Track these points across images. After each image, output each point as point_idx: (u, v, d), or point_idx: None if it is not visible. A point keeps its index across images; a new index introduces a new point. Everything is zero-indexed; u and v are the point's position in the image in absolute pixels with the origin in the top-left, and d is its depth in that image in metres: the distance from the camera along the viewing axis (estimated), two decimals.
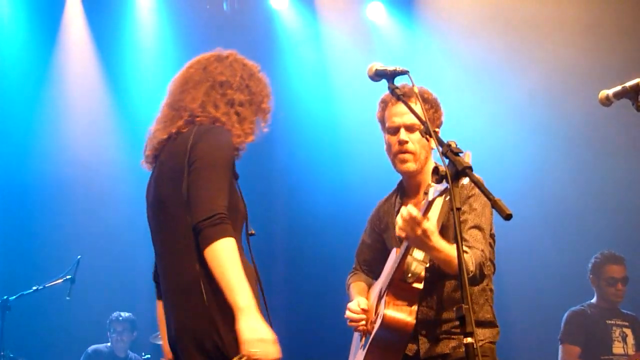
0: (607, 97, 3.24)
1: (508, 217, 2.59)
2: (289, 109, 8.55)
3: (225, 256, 2.85)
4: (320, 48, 8.80)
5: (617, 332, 6.41)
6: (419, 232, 3.19)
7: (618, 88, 3.19)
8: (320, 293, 7.88)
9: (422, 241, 3.24)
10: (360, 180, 8.18)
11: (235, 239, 2.93)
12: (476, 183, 2.75)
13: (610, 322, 6.44)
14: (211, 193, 2.93)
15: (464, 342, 2.57)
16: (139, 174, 3.51)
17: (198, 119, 3.14)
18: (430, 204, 3.18)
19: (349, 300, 3.91)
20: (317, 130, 8.53)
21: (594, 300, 6.57)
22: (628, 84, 3.16)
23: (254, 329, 2.80)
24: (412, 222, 3.17)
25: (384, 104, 3.81)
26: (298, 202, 8.48)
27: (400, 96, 3.15)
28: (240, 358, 2.82)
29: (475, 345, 2.55)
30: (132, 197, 7.78)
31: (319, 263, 8.05)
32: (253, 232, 3.23)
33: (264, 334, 2.82)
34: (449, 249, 3.25)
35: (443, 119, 3.81)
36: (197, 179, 2.96)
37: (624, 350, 6.35)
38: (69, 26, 8.35)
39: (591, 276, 6.60)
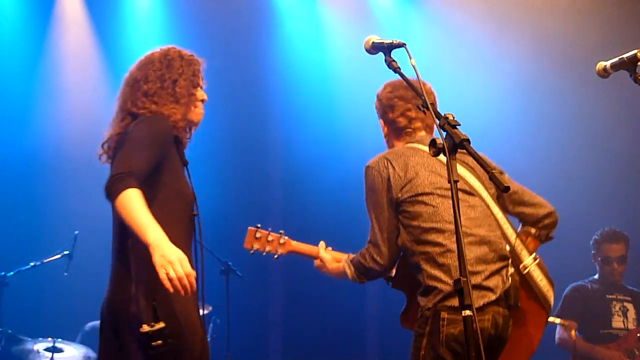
0: (605, 69, 3.23)
1: (505, 189, 2.65)
2: (286, 85, 8.56)
3: (123, 205, 3.09)
4: (317, 23, 8.78)
5: (617, 307, 6.43)
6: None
7: (615, 60, 3.19)
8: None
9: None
10: (358, 157, 8.17)
11: (161, 206, 3.27)
12: (474, 155, 2.76)
13: (610, 296, 6.46)
14: (123, 160, 3.23)
15: (463, 314, 2.58)
16: None
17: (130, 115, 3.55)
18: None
19: None
20: (315, 107, 8.52)
21: (596, 275, 6.60)
22: (625, 55, 3.15)
23: (162, 256, 3.01)
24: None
25: None
26: (295, 179, 8.49)
27: (397, 69, 3.15)
28: (152, 326, 3.09)
29: (474, 318, 2.56)
30: None
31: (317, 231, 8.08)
32: (196, 213, 3.53)
33: (170, 256, 3.02)
34: (334, 269, 4.17)
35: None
36: (118, 154, 3.33)
37: (624, 325, 6.37)
38: (65, 5, 8.30)
39: (593, 252, 6.63)
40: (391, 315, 8.01)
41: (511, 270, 3.70)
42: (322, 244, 4.27)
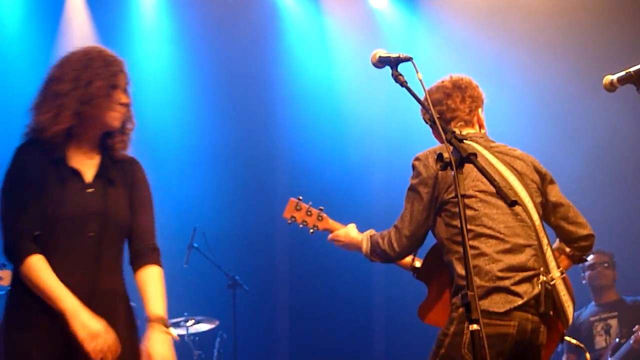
0: (612, 83, 3.22)
1: (512, 204, 2.65)
2: (293, 99, 8.57)
3: (30, 277, 3.09)
4: (323, 36, 8.80)
5: (599, 327, 6.48)
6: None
7: (622, 73, 3.17)
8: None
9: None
10: (366, 172, 8.18)
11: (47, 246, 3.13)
12: (481, 170, 2.76)
13: (593, 318, 6.55)
14: (5, 221, 3.18)
15: (470, 329, 2.58)
16: (145, 166, 3.54)
17: (33, 122, 3.36)
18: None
19: None
20: (321, 120, 8.53)
21: (592, 302, 6.66)
22: (632, 69, 3.14)
23: (81, 328, 3.03)
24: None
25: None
26: (303, 193, 8.48)
27: (403, 83, 3.15)
28: None
29: (481, 332, 2.55)
30: None
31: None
32: (92, 234, 3.25)
33: (94, 327, 3.05)
34: (350, 241, 4.13)
35: None
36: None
37: (606, 342, 6.41)
38: (71, 16, 8.32)
39: (581, 274, 6.69)
40: (399, 326, 8.07)
41: (542, 278, 3.63)
42: (353, 225, 4.23)
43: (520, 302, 3.54)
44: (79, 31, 8.33)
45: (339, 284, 8.21)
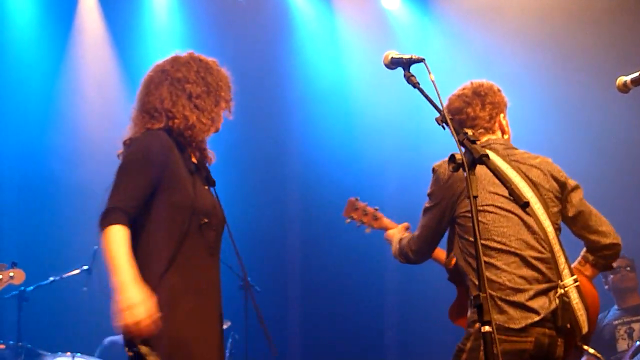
0: (625, 84, 3.22)
1: (525, 205, 2.64)
2: (305, 99, 8.57)
3: (105, 242, 3.18)
4: (335, 37, 8.80)
5: (622, 331, 6.46)
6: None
7: (635, 75, 3.17)
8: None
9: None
10: (377, 173, 8.18)
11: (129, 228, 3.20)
12: (493, 171, 2.75)
13: (617, 322, 6.52)
14: (113, 192, 3.29)
15: (482, 330, 2.56)
16: None
17: (174, 120, 3.38)
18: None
19: None
20: (334, 124, 8.52)
21: (615, 305, 6.64)
22: None
23: (122, 300, 3.02)
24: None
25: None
26: (314, 193, 8.49)
27: (416, 84, 3.14)
28: (134, 351, 3.08)
29: (493, 333, 2.54)
30: None
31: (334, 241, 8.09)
32: (205, 220, 3.35)
33: (130, 300, 3.02)
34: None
35: None
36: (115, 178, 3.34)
37: (628, 346, 6.40)
38: (84, 17, 8.33)
39: (603, 279, 6.65)
40: (412, 327, 8.06)
41: (560, 291, 3.59)
42: (404, 225, 4.37)
43: (537, 318, 3.51)
44: (91, 32, 8.35)
45: (351, 285, 8.20)
